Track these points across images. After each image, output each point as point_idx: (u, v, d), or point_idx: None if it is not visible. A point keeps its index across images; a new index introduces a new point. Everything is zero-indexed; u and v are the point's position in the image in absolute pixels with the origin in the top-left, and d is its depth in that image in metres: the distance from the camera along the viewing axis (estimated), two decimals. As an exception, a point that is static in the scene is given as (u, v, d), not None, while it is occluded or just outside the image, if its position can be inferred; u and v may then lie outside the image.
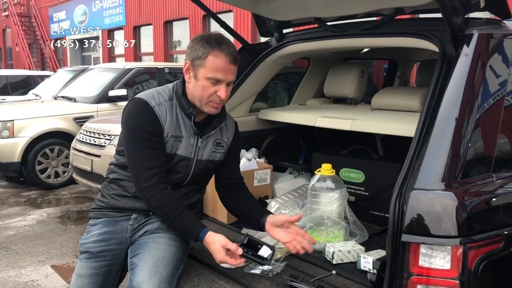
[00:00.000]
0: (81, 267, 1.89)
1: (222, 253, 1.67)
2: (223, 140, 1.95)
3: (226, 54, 1.72)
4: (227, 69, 1.73)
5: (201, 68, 1.73)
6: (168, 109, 1.81)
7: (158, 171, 1.76)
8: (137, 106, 1.79)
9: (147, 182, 1.74)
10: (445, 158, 1.49)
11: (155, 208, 1.78)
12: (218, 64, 1.71)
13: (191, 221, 1.75)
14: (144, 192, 1.76)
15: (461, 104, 1.58)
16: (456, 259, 1.38)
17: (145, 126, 1.75)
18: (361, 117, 2.45)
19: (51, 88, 8.42)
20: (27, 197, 6.05)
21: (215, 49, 1.71)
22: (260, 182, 2.50)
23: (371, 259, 1.75)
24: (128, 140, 1.79)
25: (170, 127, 1.80)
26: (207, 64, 1.72)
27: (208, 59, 1.71)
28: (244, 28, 9.82)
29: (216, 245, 1.69)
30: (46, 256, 4.02)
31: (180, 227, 1.77)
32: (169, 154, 1.81)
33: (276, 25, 2.60)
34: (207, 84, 1.74)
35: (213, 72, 1.72)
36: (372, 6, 2.16)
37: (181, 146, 1.83)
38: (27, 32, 20.24)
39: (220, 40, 1.73)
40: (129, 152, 1.79)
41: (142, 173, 1.75)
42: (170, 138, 1.80)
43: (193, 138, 1.85)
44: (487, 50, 1.73)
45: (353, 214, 2.18)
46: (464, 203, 1.43)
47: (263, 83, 2.83)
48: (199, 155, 1.87)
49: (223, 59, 1.71)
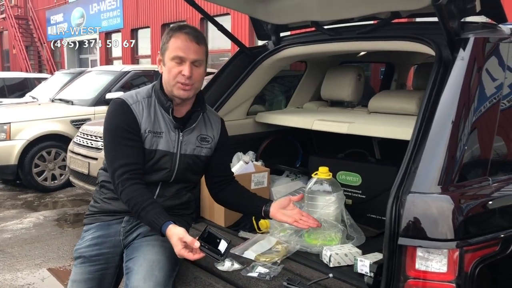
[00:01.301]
0: (75, 273, 1.89)
1: (179, 246, 1.61)
2: (208, 135, 1.96)
3: (186, 33, 1.80)
4: (187, 47, 1.79)
5: (166, 52, 1.81)
6: (145, 106, 1.85)
7: (131, 168, 1.77)
8: (115, 106, 1.85)
9: (119, 178, 1.76)
10: (441, 161, 1.49)
11: (125, 203, 1.77)
12: (179, 44, 1.79)
13: (155, 214, 1.70)
14: (116, 188, 1.78)
15: (457, 107, 1.59)
16: (453, 262, 1.39)
17: (121, 124, 1.80)
18: (358, 120, 2.46)
19: (48, 91, 8.41)
20: (24, 200, 6.03)
21: (176, 32, 1.81)
22: (257, 185, 2.50)
23: (368, 262, 1.75)
24: (106, 140, 1.84)
25: (147, 123, 1.83)
26: (170, 46, 1.80)
27: (170, 41, 1.80)
28: (242, 31, 9.84)
29: (174, 238, 1.63)
30: (42, 259, 4.01)
31: (146, 221, 1.74)
32: (150, 150, 1.84)
33: (273, 28, 2.60)
34: (171, 65, 1.80)
35: (174, 51, 1.79)
36: (368, 10, 2.17)
37: (162, 141, 1.85)
38: (24, 34, 20.23)
39: (182, 26, 1.84)
40: (107, 151, 1.83)
41: (116, 170, 1.77)
42: (148, 133, 1.83)
43: (174, 132, 1.87)
44: (483, 54, 1.74)
45: (350, 217, 2.18)
46: (460, 206, 1.44)
47: (260, 87, 2.84)
48: (182, 149, 1.89)
49: (184, 38, 1.79)
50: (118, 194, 1.79)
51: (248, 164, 2.53)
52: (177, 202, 1.92)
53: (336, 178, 2.46)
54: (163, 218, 1.69)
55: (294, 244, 2.02)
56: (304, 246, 2.04)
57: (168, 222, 1.67)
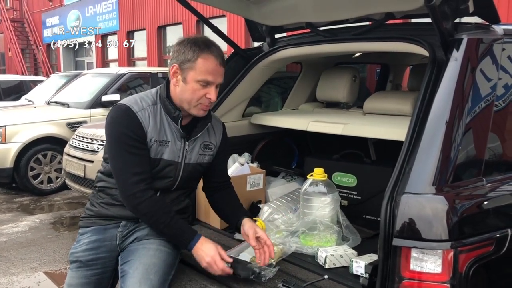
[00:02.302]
0: (71, 277, 1.87)
1: (218, 257, 1.72)
2: (211, 142, 1.95)
3: (216, 56, 1.74)
4: (216, 72, 1.75)
5: (191, 71, 1.73)
6: (151, 113, 1.80)
7: (144, 176, 1.75)
8: (119, 112, 1.78)
9: (134, 188, 1.73)
10: (435, 162, 1.50)
11: (144, 215, 1.76)
12: (209, 67, 1.73)
13: (183, 226, 1.77)
14: (132, 198, 1.74)
15: (451, 108, 1.59)
16: (447, 262, 1.39)
17: (127, 132, 1.75)
18: (353, 121, 2.46)
19: (44, 94, 8.39)
20: (20, 203, 6.01)
21: (204, 51, 1.72)
22: (253, 186, 2.50)
23: (363, 263, 1.75)
24: (112, 147, 1.79)
25: (153, 131, 1.79)
26: (197, 66, 1.72)
27: (198, 61, 1.72)
28: (238, 33, 9.84)
29: (212, 249, 1.74)
30: (38, 263, 3.99)
31: (172, 232, 1.77)
32: (154, 159, 1.80)
33: (268, 30, 2.61)
34: (197, 86, 1.74)
35: (203, 75, 1.73)
36: (362, 11, 2.17)
37: (167, 151, 1.82)
38: (20, 37, 20.18)
39: (208, 43, 1.76)
40: (113, 159, 1.78)
41: (128, 179, 1.73)
42: (154, 142, 1.79)
43: (179, 141, 1.85)
44: (477, 54, 1.75)
45: (345, 218, 2.18)
46: (454, 206, 1.44)
47: (256, 88, 2.84)
48: (187, 158, 1.87)
49: (213, 62, 1.73)
50: (133, 204, 1.75)
51: (244, 165, 2.53)
52: (176, 208, 1.90)
53: (332, 180, 2.46)
54: (193, 230, 1.80)
55: (289, 246, 2.02)
56: (300, 247, 2.04)
57: (200, 234, 1.78)
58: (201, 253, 1.74)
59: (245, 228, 1.88)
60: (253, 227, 1.88)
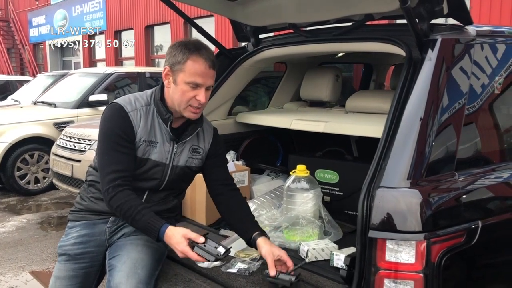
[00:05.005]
0: (59, 269, 1.91)
1: (184, 243, 1.64)
2: (199, 146, 1.96)
3: (205, 58, 1.76)
4: (206, 74, 1.78)
5: (180, 73, 1.77)
6: (143, 114, 1.83)
7: (123, 174, 1.77)
8: (112, 110, 1.83)
9: (109, 184, 1.75)
10: (410, 157, 1.56)
11: (115, 209, 1.75)
12: (197, 69, 1.76)
13: (152, 217, 1.72)
14: (106, 194, 1.76)
15: (426, 105, 1.66)
16: (420, 253, 1.45)
17: (117, 130, 1.79)
18: (334, 119, 2.52)
19: (30, 94, 8.32)
20: (6, 203, 5.98)
21: (193, 54, 1.76)
22: (238, 184, 2.53)
23: (343, 256, 1.81)
24: (101, 143, 1.83)
25: (143, 132, 1.82)
26: (186, 68, 1.76)
27: (187, 63, 1.76)
28: (225, 33, 9.86)
29: (177, 237, 1.66)
30: (25, 262, 3.99)
31: (140, 224, 1.73)
32: (141, 158, 1.83)
33: (252, 30, 2.66)
34: (186, 88, 1.77)
35: (192, 77, 1.76)
36: (342, 12, 2.23)
37: (155, 152, 1.85)
38: (6, 37, 19.96)
39: (198, 46, 1.78)
40: (99, 155, 1.83)
41: (107, 175, 1.76)
42: (142, 143, 1.83)
43: (168, 143, 1.88)
44: (451, 54, 1.82)
45: (327, 213, 2.24)
46: (428, 200, 1.51)
47: (241, 87, 2.89)
48: (175, 161, 1.90)
49: (202, 64, 1.76)
50: (107, 199, 1.76)
51: (229, 163, 2.57)
52: (164, 208, 1.93)
53: (315, 176, 2.52)
54: (160, 221, 1.72)
55: (273, 240, 2.06)
56: (283, 242, 2.09)
57: (167, 224, 1.70)
58: (171, 241, 1.69)
59: (263, 253, 1.77)
60: (271, 252, 1.75)
